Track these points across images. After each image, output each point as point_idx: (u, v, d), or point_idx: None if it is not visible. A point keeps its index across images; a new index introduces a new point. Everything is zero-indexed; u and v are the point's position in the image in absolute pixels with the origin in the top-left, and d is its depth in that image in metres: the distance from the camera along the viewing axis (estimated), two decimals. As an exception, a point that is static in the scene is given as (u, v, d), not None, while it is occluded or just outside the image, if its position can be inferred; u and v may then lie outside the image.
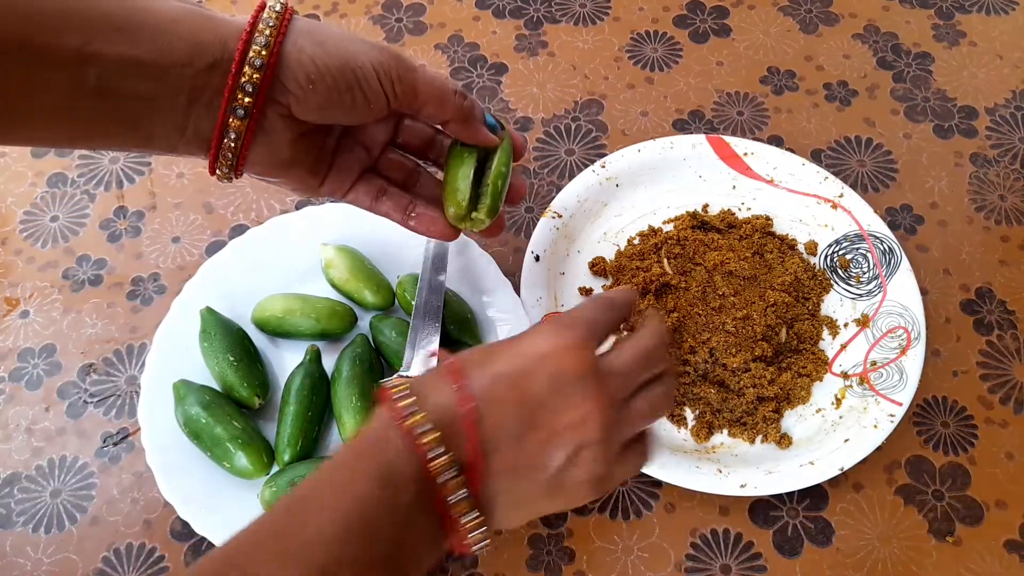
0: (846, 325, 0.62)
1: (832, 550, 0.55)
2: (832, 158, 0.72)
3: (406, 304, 0.61)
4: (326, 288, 0.63)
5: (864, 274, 0.63)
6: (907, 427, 0.59)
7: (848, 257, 0.64)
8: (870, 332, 0.61)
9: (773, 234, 0.66)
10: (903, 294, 0.61)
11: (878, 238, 0.64)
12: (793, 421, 0.59)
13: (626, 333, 0.45)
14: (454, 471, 0.35)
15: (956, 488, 0.57)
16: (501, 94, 0.76)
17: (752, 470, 0.55)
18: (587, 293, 0.64)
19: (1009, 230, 0.68)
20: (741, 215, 0.67)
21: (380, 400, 0.37)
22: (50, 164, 0.72)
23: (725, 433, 0.59)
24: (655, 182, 0.68)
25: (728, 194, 0.68)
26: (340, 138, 0.48)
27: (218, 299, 0.60)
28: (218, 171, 0.42)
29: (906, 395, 0.57)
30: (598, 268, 0.65)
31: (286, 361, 0.61)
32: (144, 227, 0.69)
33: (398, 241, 0.62)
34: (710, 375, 0.59)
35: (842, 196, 0.65)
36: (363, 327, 0.62)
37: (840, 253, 0.65)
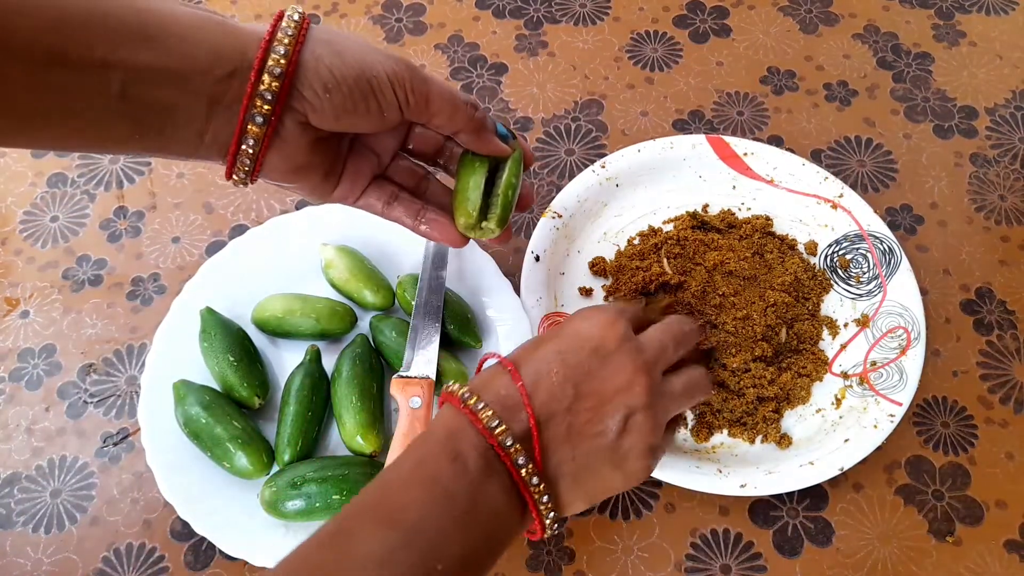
0: (846, 325, 0.62)
1: (832, 550, 0.55)
2: (832, 158, 0.72)
3: (406, 304, 0.61)
4: (326, 288, 0.63)
5: (864, 274, 0.63)
6: (907, 427, 0.59)
7: (848, 257, 0.64)
8: (870, 332, 0.61)
9: (773, 234, 0.66)
10: (903, 294, 0.61)
11: (878, 238, 0.64)
12: (793, 421, 0.59)
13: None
14: (511, 439, 0.38)
15: (956, 488, 0.57)
16: (501, 94, 0.76)
17: (752, 470, 0.55)
18: (587, 293, 0.64)
19: (1009, 230, 0.68)
20: (741, 215, 0.67)
21: (443, 400, 0.42)
22: (50, 164, 0.72)
23: (725, 433, 0.59)
24: (655, 182, 0.68)
25: (728, 194, 0.68)
26: (352, 144, 0.48)
27: (218, 299, 0.60)
28: (234, 176, 0.43)
29: (906, 395, 0.57)
30: (598, 268, 0.65)
31: (286, 361, 0.61)
32: (144, 227, 0.69)
33: (398, 241, 0.62)
34: (710, 375, 0.59)
35: (842, 196, 0.65)
36: (363, 327, 0.62)
37: (840, 253, 0.65)
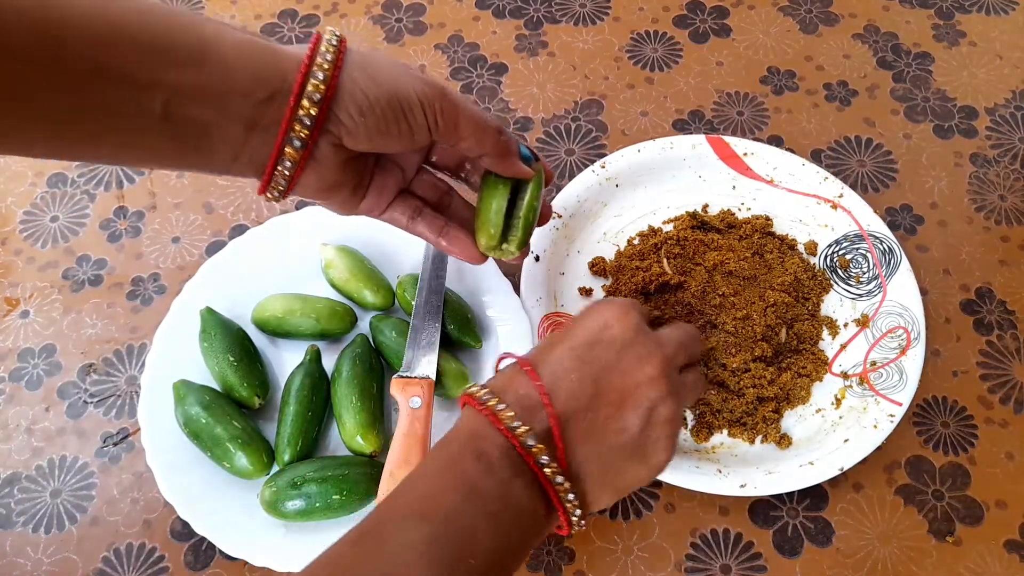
0: (846, 325, 0.62)
1: (832, 550, 0.55)
2: (832, 158, 0.72)
3: (406, 304, 0.61)
4: (326, 288, 0.63)
5: (864, 274, 0.63)
6: (907, 427, 0.59)
7: (848, 257, 0.64)
8: (870, 332, 0.61)
9: (773, 234, 0.66)
10: (903, 294, 0.61)
11: (878, 238, 0.64)
12: (793, 421, 0.59)
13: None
14: (533, 439, 0.38)
15: (956, 488, 0.57)
16: (501, 94, 0.76)
17: (752, 470, 0.55)
18: (587, 293, 0.64)
19: (1009, 230, 0.68)
20: (741, 215, 0.67)
21: (463, 402, 0.42)
22: (50, 164, 0.72)
23: (725, 433, 0.59)
24: (655, 182, 0.68)
25: (728, 194, 0.68)
26: (378, 159, 0.49)
27: (218, 299, 0.60)
28: (268, 193, 0.44)
29: (906, 395, 0.57)
30: (598, 268, 0.65)
31: (286, 361, 0.61)
32: (144, 227, 0.69)
33: (398, 241, 0.62)
34: (710, 375, 0.59)
35: (842, 196, 0.65)
36: (363, 327, 0.62)
37: (840, 253, 0.65)
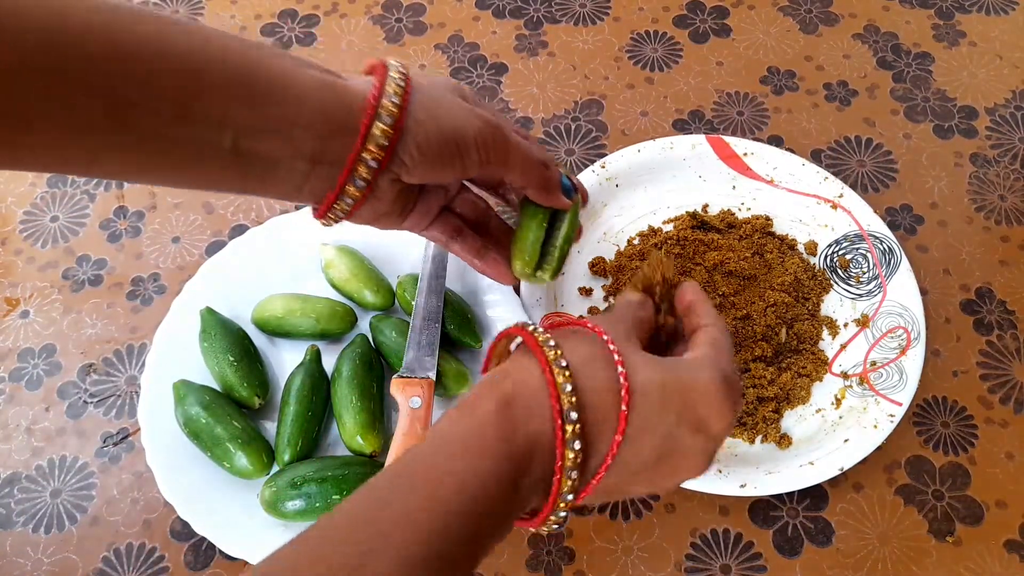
0: (846, 325, 0.62)
1: (832, 550, 0.55)
2: (832, 158, 0.72)
3: (406, 304, 0.61)
4: (326, 288, 0.63)
5: (864, 274, 0.63)
6: (907, 427, 0.59)
7: (848, 257, 0.64)
8: (870, 332, 0.61)
9: (773, 234, 0.66)
10: (903, 294, 0.61)
11: (878, 238, 0.64)
12: (793, 421, 0.59)
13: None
14: (579, 441, 0.35)
15: (956, 488, 0.57)
16: (501, 94, 0.76)
17: (752, 470, 0.55)
18: (587, 293, 0.64)
19: (1009, 230, 0.68)
20: (741, 215, 0.67)
21: (527, 344, 0.37)
22: (50, 164, 0.72)
23: (725, 433, 0.59)
24: (655, 182, 0.68)
25: (728, 194, 0.68)
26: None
27: (218, 299, 0.60)
28: (323, 222, 0.44)
29: (906, 395, 0.57)
30: (598, 268, 0.65)
31: (286, 361, 0.61)
32: (144, 227, 0.69)
33: (398, 241, 0.62)
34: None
35: (842, 196, 0.65)
36: (363, 327, 0.62)
37: (840, 253, 0.65)
